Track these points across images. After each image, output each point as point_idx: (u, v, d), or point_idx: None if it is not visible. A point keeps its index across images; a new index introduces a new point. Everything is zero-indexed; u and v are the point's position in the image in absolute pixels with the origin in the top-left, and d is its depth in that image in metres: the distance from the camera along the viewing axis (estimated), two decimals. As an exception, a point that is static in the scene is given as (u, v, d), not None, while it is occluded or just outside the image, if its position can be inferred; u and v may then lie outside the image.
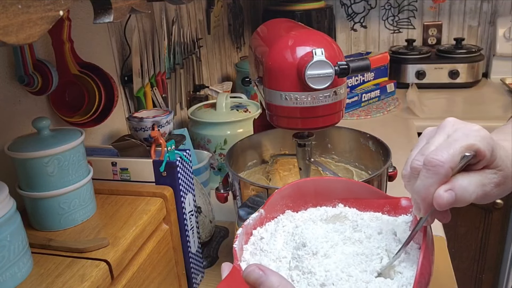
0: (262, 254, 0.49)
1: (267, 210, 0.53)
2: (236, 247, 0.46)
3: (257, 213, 0.52)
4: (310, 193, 0.57)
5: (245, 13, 2.00)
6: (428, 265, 0.43)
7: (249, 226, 0.51)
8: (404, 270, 0.46)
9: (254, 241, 0.51)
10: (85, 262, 0.57)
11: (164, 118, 0.83)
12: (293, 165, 0.95)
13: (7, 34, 0.29)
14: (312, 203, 0.57)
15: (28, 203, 0.64)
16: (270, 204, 0.54)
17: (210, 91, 1.45)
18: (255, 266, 0.40)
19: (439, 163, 0.41)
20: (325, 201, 0.57)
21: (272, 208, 0.54)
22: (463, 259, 1.74)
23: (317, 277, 0.44)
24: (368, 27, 2.13)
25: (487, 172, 0.44)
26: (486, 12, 1.99)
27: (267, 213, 0.53)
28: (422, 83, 1.88)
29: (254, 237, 0.51)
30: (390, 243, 0.49)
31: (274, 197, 0.54)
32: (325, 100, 0.68)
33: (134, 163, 0.74)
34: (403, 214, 0.53)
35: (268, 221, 0.54)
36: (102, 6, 0.41)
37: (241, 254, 0.48)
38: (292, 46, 0.67)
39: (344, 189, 0.56)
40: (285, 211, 0.55)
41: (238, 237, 0.48)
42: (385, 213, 0.55)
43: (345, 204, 0.56)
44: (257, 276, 0.39)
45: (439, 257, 0.88)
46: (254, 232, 0.51)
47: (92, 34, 0.96)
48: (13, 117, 0.75)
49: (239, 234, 0.48)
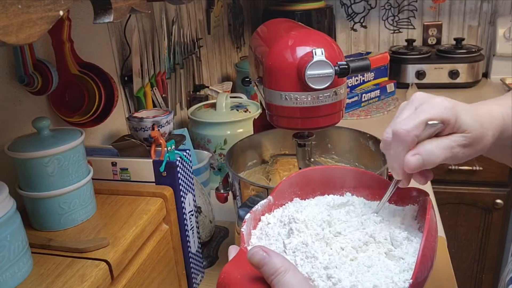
0: (267, 238, 0.50)
1: (275, 197, 0.54)
2: (244, 231, 0.47)
3: (266, 200, 0.53)
4: (318, 181, 0.58)
5: (245, 13, 2.00)
6: (430, 252, 0.44)
7: (258, 212, 0.52)
8: (406, 256, 0.47)
9: (261, 226, 0.52)
10: (85, 262, 0.57)
11: (164, 118, 0.83)
12: (293, 165, 0.95)
13: (7, 34, 0.29)
14: (320, 191, 0.58)
15: (28, 203, 0.64)
16: (278, 191, 0.55)
17: (210, 91, 1.45)
18: (259, 247, 0.41)
19: (403, 132, 0.47)
20: (333, 189, 0.58)
21: (280, 195, 0.55)
22: (463, 259, 1.74)
23: (321, 260, 0.45)
24: (368, 27, 2.13)
25: (455, 136, 0.49)
26: (486, 12, 1.99)
27: (275, 200, 0.54)
28: (422, 83, 1.88)
29: (262, 223, 0.52)
30: (394, 230, 0.50)
31: (283, 185, 0.55)
32: (325, 100, 0.68)
33: (134, 163, 0.74)
34: (410, 204, 0.55)
35: (276, 207, 0.55)
36: (102, 6, 0.41)
37: (248, 239, 0.49)
38: (292, 46, 0.67)
39: (352, 178, 0.58)
40: (293, 198, 0.56)
41: (246, 222, 0.49)
42: (393, 202, 0.56)
43: (353, 193, 0.58)
44: (261, 257, 0.40)
45: (439, 257, 0.88)
46: (262, 218, 0.53)
47: (92, 34, 0.96)
48: (13, 117, 0.75)
49: (247, 219, 0.49)
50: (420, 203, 0.54)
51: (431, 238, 0.45)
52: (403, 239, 0.48)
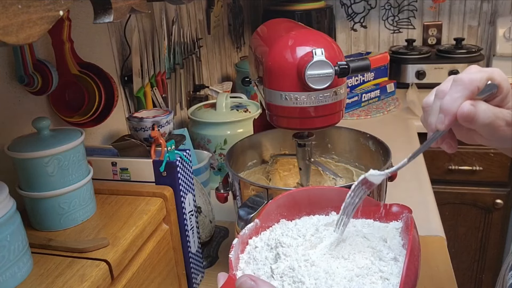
0: (255, 263, 0.50)
1: (262, 219, 0.54)
2: (232, 257, 0.47)
3: (253, 223, 0.53)
4: (304, 202, 0.58)
5: (245, 13, 2.00)
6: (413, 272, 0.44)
7: (245, 236, 0.52)
8: (391, 277, 0.47)
9: (249, 250, 0.52)
10: (85, 262, 0.57)
11: (164, 118, 0.83)
12: (293, 165, 0.95)
13: (7, 34, 0.29)
14: (306, 212, 0.58)
15: (28, 203, 0.64)
16: (265, 213, 0.55)
17: (210, 91, 1.45)
18: (247, 277, 0.42)
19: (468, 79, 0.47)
20: (318, 209, 0.58)
21: (267, 218, 0.55)
22: (463, 259, 1.74)
23: (307, 285, 0.45)
24: (368, 27, 2.13)
25: (503, 109, 0.48)
26: (486, 12, 1.99)
27: (262, 223, 0.54)
28: (422, 83, 1.88)
29: (249, 246, 0.52)
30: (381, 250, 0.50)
31: (269, 207, 0.55)
32: (325, 100, 0.68)
33: (134, 163, 0.74)
34: (393, 221, 0.55)
35: (263, 230, 0.55)
36: (102, 6, 0.41)
37: (237, 264, 0.49)
38: (292, 46, 0.67)
39: (337, 197, 0.57)
40: (280, 220, 0.56)
41: (234, 247, 0.49)
42: (377, 219, 0.56)
43: (337, 211, 0.57)
44: (249, 286, 0.41)
45: (439, 257, 0.88)
46: (249, 241, 0.53)
47: (92, 34, 0.96)
48: (13, 117, 0.75)
49: (234, 244, 0.49)
50: (404, 219, 0.54)
51: (414, 259, 0.45)
52: (390, 259, 0.48)
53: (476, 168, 1.62)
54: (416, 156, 0.51)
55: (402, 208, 0.55)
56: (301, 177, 0.84)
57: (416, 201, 1.09)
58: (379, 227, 0.55)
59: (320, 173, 0.92)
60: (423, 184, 1.18)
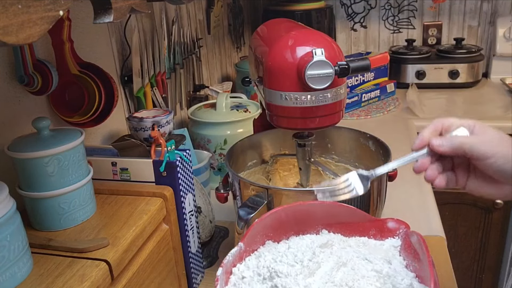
0: None
1: (246, 243, 0.49)
2: None
3: (236, 248, 0.49)
4: (291, 221, 0.53)
5: (245, 13, 2.00)
6: None
7: (229, 264, 0.47)
8: None
9: (235, 281, 0.47)
10: (85, 262, 0.57)
11: (164, 118, 0.83)
12: (293, 165, 0.95)
13: (7, 34, 0.29)
14: (294, 231, 0.53)
15: (28, 203, 0.64)
16: (249, 236, 0.50)
17: (210, 91, 1.45)
18: None
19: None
20: (307, 227, 0.54)
21: (251, 240, 0.50)
22: (463, 259, 1.74)
23: None
24: (368, 27, 2.13)
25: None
26: (486, 12, 1.99)
27: (246, 247, 0.50)
28: (422, 83, 1.88)
29: (235, 276, 0.47)
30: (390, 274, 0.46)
31: (254, 228, 0.50)
32: (325, 100, 0.68)
33: (134, 163, 0.74)
34: (390, 237, 0.52)
35: (248, 255, 0.50)
36: (102, 6, 0.41)
37: None
38: (292, 46, 0.67)
39: (326, 213, 0.53)
40: (265, 241, 0.52)
41: (219, 280, 0.44)
42: (371, 237, 0.52)
43: (329, 229, 0.53)
44: None
45: (439, 257, 0.88)
46: (234, 270, 0.48)
47: (92, 34, 0.96)
48: (13, 117, 0.75)
49: (219, 276, 0.45)
50: (401, 235, 0.50)
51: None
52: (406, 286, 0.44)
53: (476, 168, 1.61)
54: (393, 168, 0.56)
55: (398, 223, 0.51)
56: (301, 177, 0.84)
57: (416, 201, 1.09)
58: (375, 245, 0.51)
59: (320, 173, 0.92)
60: (423, 184, 1.18)
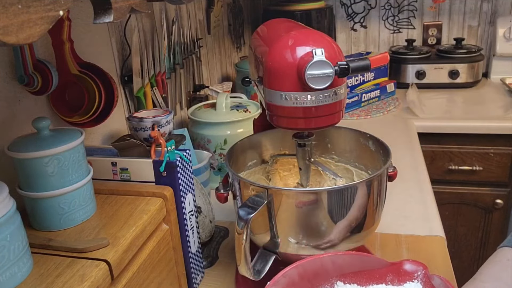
0: None
1: None
2: None
3: None
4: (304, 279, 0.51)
5: (245, 13, 2.00)
6: None
7: None
8: None
9: None
10: (85, 262, 0.57)
11: (164, 118, 0.83)
12: (293, 165, 0.95)
13: (7, 34, 0.29)
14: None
15: (28, 203, 0.64)
16: None
17: (210, 91, 1.45)
18: None
19: None
20: (321, 281, 0.51)
21: None
22: (463, 259, 1.74)
23: None
24: (368, 27, 2.13)
25: None
26: (486, 12, 1.99)
27: None
28: (422, 83, 1.88)
29: None
30: None
31: None
32: (325, 100, 0.68)
33: (134, 163, 0.74)
34: (408, 281, 0.49)
35: None
36: (102, 6, 0.41)
37: None
38: (292, 46, 0.67)
39: (338, 264, 0.51)
40: None
41: None
42: (389, 283, 0.50)
43: (344, 281, 0.51)
44: None
45: (439, 257, 0.88)
46: None
47: (92, 34, 0.96)
48: (13, 117, 0.75)
49: None
50: (421, 278, 0.48)
51: None
52: None
53: (476, 168, 1.62)
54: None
55: (415, 264, 0.48)
56: (301, 177, 0.84)
57: (416, 201, 1.09)
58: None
59: (320, 173, 0.92)
60: (423, 184, 1.18)
